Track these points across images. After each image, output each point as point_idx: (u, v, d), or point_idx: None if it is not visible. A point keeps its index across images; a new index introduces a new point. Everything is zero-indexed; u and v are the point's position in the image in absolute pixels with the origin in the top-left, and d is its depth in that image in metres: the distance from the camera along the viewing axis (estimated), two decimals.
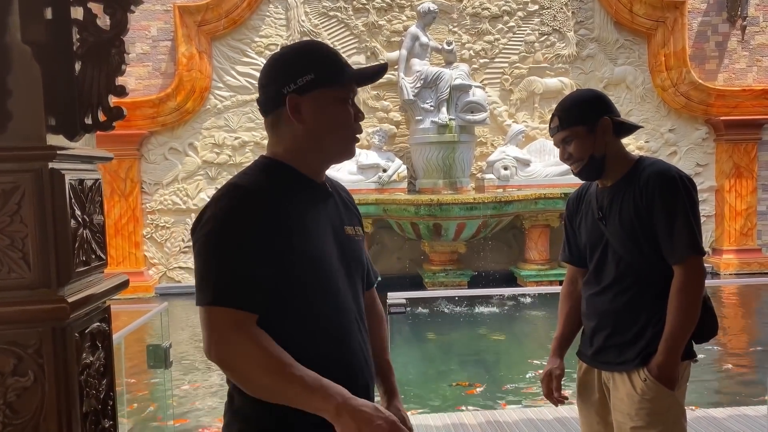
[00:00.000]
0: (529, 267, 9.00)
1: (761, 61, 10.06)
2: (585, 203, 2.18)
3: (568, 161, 2.07)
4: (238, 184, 1.35)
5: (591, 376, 2.17)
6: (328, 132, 1.40)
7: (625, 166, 2.05)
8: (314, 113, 1.38)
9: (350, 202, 1.59)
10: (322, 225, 1.41)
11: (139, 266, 9.24)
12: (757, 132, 9.94)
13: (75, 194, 1.12)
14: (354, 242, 1.50)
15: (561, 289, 2.35)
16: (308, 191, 1.42)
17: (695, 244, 1.92)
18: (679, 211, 1.93)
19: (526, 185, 9.31)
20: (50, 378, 1.05)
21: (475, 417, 3.96)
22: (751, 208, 9.98)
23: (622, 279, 2.03)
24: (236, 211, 1.30)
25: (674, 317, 1.92)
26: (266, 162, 1.43)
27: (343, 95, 1.40)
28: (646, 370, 1.96)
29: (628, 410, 1.98)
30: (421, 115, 9.12)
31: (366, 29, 9.74)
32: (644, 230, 1.97)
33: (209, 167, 9.46)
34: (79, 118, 1.14)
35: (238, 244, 1.28)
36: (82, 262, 1.14)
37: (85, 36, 1.13)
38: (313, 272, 1.35)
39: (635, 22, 9.85)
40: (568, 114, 2.05)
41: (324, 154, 1.43)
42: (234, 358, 1.25)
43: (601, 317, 2.09)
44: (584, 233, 2.15)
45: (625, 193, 2.01)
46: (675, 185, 1.94)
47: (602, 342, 2.08)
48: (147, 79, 9.34)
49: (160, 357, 2.58)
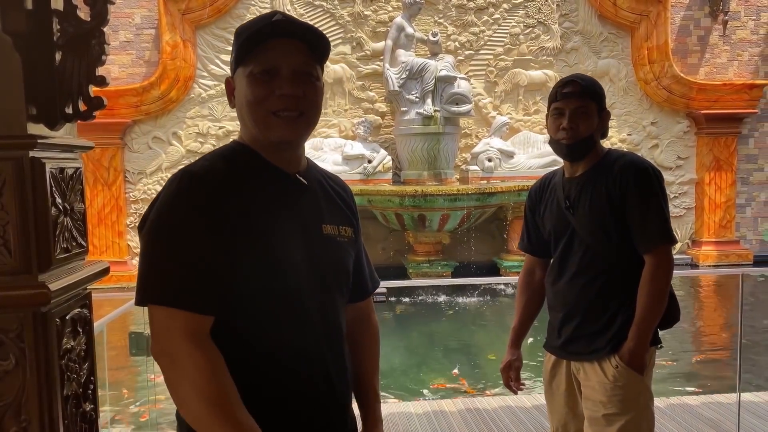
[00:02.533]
0: (511, 258, 9.09)
1: (742, 56, 10.19)
2: (549, 193, 2.18)
3: (569, 132, 2.00)
4: (188, 170, 1.22)
5: (559, 368, 2.17)
6: (244, 113, 1.26)
7: (594, 158, 2.07)
8: (237, 95, 1.28)
9: (341, 197, 1.40)
10: (285, 221, 1.24)
11: (122, 256, 9.21)
12: (736, 126, 10.09)
13: (56, 182, 1.14)
14: (334, 244, 1.31)
15: (519, 279, 2.34)
16: (273, 181, 1.27)
17: (667, 232, 1.97)
18: (652, 201, 1.97)
19: (509, 177, 9.39)
20: (31, 362, 1.07)
21: (455, 404, 4.02)
22: (730, 201, 10.14)
23: (589, 268, 2.03)
24: (182, 199, 1.17)
25: (645, 304, 1.95)
26: (233, 147, 1.31)
27: (255, 69, 1.22)
28: (617, 357, 1.98)
29: (600, 398, 2.00)
30: (406, 106, 9.14)
31: (351, 19, 9.72)
32: (615, 219, 1.98)
33: (193, 156, 9.41)
34: (59, 108, 1.15)
35: (186, 236, 1.15)
36: (63, 249, 1.16)
37: (66, 26, 1.14)
38: (265, 276, 1.19)
39: (619, 16, 9.93)
40: (590, 88, 2.03)
41: (255, 137, 1.27)
42: (175, 373, 1.12)
43: (569, 307, 2.08)
44: (548, 223, 2.15)
45: (596, 183, 2.02)
46: (648, 175, 1.98)
47: (571, 332, 2.08)
48: (130, 68, 9.27)
49: (143, 345, 2.60)
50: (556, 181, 2.17)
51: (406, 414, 3.87)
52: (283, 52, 1.23)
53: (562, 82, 2.06)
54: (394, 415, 3.83)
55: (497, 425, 3.67)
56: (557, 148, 2.08)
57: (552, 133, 2.08)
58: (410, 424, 3.71)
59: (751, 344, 5.73)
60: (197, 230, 1.16)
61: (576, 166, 2.09)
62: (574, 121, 2.00)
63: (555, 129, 2.05)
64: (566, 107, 2.01)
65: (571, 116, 2.00)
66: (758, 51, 10.20)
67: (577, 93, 2.00)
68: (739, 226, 10.30)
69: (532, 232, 2.25)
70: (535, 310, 2.31)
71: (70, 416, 1.16)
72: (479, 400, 4.15)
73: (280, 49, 1.23)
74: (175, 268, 1.15)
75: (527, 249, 2.30)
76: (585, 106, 2.01)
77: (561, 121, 2.02)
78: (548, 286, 2.19)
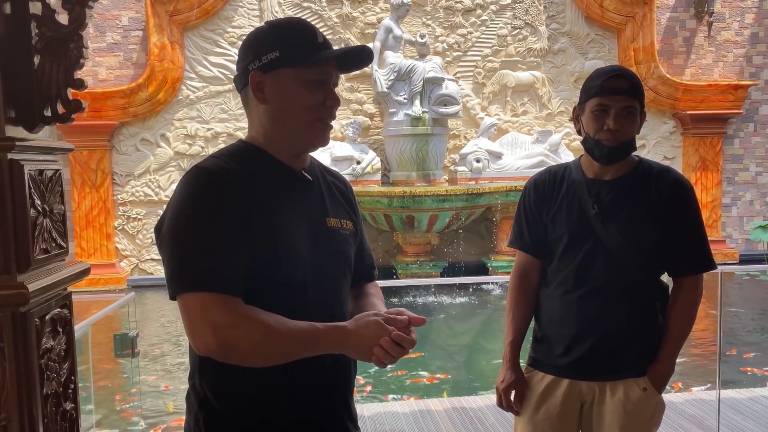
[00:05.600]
0: (500, 258, 9.13)
1: (727, 57, 10.30)
2: (566, 193, 1.92)
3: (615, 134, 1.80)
4: (201, 166, 1.28)
5: (556, 389, 1.93)
6: (289, 115, 1.31)
7: (627, 163, 1.90)
8: (276, 93, 1.30)
9: (342, 192, 1.48)
10: (294, 216, 1.32)
11: (110, 258, 9.17)
12: (722, 126, 10.19)
13: (34, 184, 1.15)
14: (337, 236, 1.39)
15: (511, 283, 2.05)
16: (282, 178, 1.34)
17: (712, 259, 1.91)
18: (700, 224, 1.90)
19: (498, 177, 9.43)
20: (10, 361, 1.09)
21: (442, 404, 4.05)
22: (716, 201, 10.24)
23: (614, 282, 1.84)
24: (199, 193, 1.24)
25: (682, 328, 1.88)
26: (240, 146, 1.37)
27: (311, 77, 1.30)
28: (646, 379, 1.86)
29: (619, 421, 1.85)
30: (395, 108, 9.17)
31: (340, 21, 9.74)
32: (653, 235, 1.85)
33: (181, 158, 9.41)
34: (38, 111, 1.16)
35: (208, 227, 1.22)
36: (42, 250, 1.18)
37: (44, 31, 1.16)
38: (275, 266, 1.26)
39: (605, 17, 10.01)
40: (638, 86, 1.83)
41: (289, 139, 1.34)
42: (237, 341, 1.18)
43: (585, 323, 1.86)
44: (562, 226, 1.91)
45: (636, 193, 1.86)
46: (694, 196, 1.90)
47: (587, 349, 1.87)
48: (118, 69, 9.24)
49: (128, 346, 2.61)
50: (576, 179, 1.92)
51: (393, 413, 3.89)
52: (333, 65, 1.34)
53: (606, 73, 1.81)
54: (380, 414, 3.86)
55: (483, 424, 3.70)
56: (594, 148, 1.85)
57: (591, 131, 1.84)
58: (396, 423, 3.74)
59: (732, 341, 5.81)
60: (217, 221, 1.22)
61: (606, 168, 1.89)
62: (620, 121, 1.79)
63: (597, 128, 1.82)
64: (613, 105, 1.79)
65: (617, 116, 1.79)
66: (743, 52, 10.31)
67: (626, 90, 1.79)
68: (725, 226, 10.40)
69: (533, 228, 1.99)
70: (530, 318, 2.03)
71: (50, 415, 1.17)
72: (465, 399, 4.18)
73: (331, 62, 1.34)
74: (201, 256, 1.20)
75: (524, 247, 2.02)
76: (633, 106, 1.81)
77: (605, 120, 1.80)
78: (554, 297, 1.93)
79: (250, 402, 1.28)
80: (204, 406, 1.31)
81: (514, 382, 1.99)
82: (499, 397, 2.02)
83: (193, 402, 1.34)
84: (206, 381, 1.30)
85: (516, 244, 2.05)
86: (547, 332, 1.96)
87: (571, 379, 1.91)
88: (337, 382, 1.37)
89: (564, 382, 1.92)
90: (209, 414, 1.30)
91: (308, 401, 1.32)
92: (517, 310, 2.01)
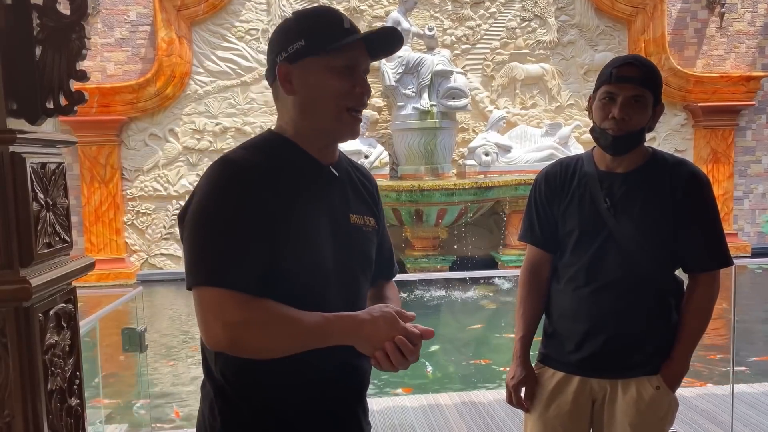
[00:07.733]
0: (509, 252, 9.09)
1: (739, 48, 10.17)
2: (578, 186, 1.89)
3: (619, 122, 1.76)
4: (228, 158, 1.26)
5: (567, 386, 1.90)
6: (318, 104, 1.28)
7: (642, 155, 1.85)
8: (304, 83, 1.28)
9: (366, 188, 1.45)
10: (317, 211, 1.29)
11: (120, 253, 9.21)
12: (734, 118, 10.08)
13: (37, 177, 1.14)
14: (360, 233, 1.37)
15: (521, 277, 2.01)
16: (308, 172, 1.31)
17: (729, 255, 1.87)
18: (717, 220, 1.85)
19: (506, 171, 9.37)
20: (14, 356, 1.07)
21: (451, 398, 4.03)
22: (727, 194, 10.14)
23: (626, 278, 1.81)
24: (224, 186, 1.22)
25: (698, 325, 1.85)
26: (268, 137, 1.35)
27: (338, 63, 1.26)
28: (660, 377, 1.82)
29: (631, 420, 1.81)
30: (403, 101, 9.13)
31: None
32: (667, 230, 1.81)
33: (190, 153, 9.42)
34: (40, 103, 1.15)
35: (230, 221, 1.20)
36: (45, 245, 1.16)
37: (45, 21, 1.14)
38: (295, 262, 1.25)
39: (615, 9, 9.90)
40: (650, 75, 1.78)
41: (317, 130, 1.31)
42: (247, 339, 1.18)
43: (598, 319, 1.83)
44: (573, 219, 1.87)
45: (650, 186, 1.82)
46: (711, 190, 1.85)
47: (600, 346, 1.83)
48: (126, 64, 9.25)
49: (135, 340, 2.61)
50: (588, 172, 1.89)
51: (402, 407, 3.88)
52: (362, 51, 1.30)
53: (618, 62, 1.79)
54: (389, 408, 3.84)
55: (493, 419, 3.68)
56: (600, 138, 1.82)
57: (598, 120, 1.82)
58: (405, 417, 3.72)
59: (746, 336, 5.75)
60: (237, 216, 1.20)
61: (618, 160, 1.85)
62: (626, 110, 1.76)
63: (602, 116, 1.79)
64: (620, 93, 1.76)
65: (623, 104, 1.76)
66: (755, 43, 10.19)
67: (636, 78, 1.75)
68: (737, 219, 10.31)
69: (544, 222, 1.95)
70: (540, 313, 2.00)
71: (54, 411, 1.16)
72: (475, 393, 4.16)
73: (359, 48, 1.29)
74: (218, 251, 1.19)
75: (535, 241, 1.98)
76: (642, 95, 1.76)
77: (611, 108, 1.77)
78: (565, 292, 1.90)
79: (266, 391, 1.28)
80: (220, 394, 1.30)
81: (524, 378, 1.95)
82: (509, 393, 2.00)
83: (209, 390, 1.33)
84: (222, 369, 1.29)
85: (526, 237, 2.02)
86: (558, 328, 1.93)
87: (582, 376, 1.88)
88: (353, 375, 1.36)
89: (575, 379, 1.89)
90: (225, 402, 1.29)
91: (324, 392, 1.31)
92: (528, 306, 1.98)
